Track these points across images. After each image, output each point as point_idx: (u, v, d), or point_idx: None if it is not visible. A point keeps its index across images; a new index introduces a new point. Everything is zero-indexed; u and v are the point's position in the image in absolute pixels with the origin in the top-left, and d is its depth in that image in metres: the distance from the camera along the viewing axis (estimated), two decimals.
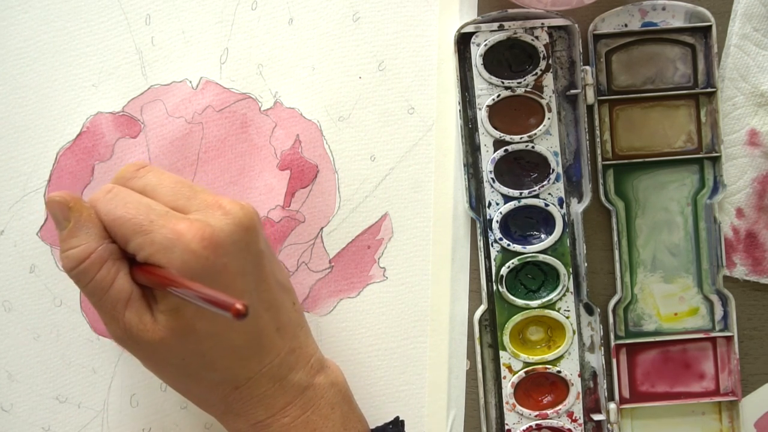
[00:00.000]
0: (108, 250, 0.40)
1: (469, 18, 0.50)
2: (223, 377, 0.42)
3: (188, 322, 0.40)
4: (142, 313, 0.40)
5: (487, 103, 0.49)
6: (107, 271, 0.40)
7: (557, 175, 0.50)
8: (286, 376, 0.43)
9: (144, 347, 0.41)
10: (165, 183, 0.42)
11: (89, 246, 0.40)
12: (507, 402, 0.50)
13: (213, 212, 0.40)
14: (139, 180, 0.42)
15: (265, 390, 0.42)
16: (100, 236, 0.40)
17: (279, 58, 0.50)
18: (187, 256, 0.38)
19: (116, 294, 0.40)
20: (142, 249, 0.39)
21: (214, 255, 0.39)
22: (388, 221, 0.51)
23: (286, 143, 0.50)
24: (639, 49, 0.51)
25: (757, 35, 0.51)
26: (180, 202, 0.41)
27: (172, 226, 0.39)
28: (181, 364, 0.41)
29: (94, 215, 0.41)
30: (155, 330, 0.40)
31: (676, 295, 0.52)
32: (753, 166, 0.51)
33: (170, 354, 0.41)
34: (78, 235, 0.40)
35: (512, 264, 0.50)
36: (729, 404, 0.51)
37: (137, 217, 0.39)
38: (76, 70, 0.50)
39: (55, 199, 0.41)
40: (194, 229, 0.39)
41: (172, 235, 0.38)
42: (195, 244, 0.38)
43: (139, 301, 0.40)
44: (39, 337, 0.50)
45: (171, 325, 0.40)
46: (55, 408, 0.50)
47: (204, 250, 0.38)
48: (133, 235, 0.39)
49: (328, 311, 0.51)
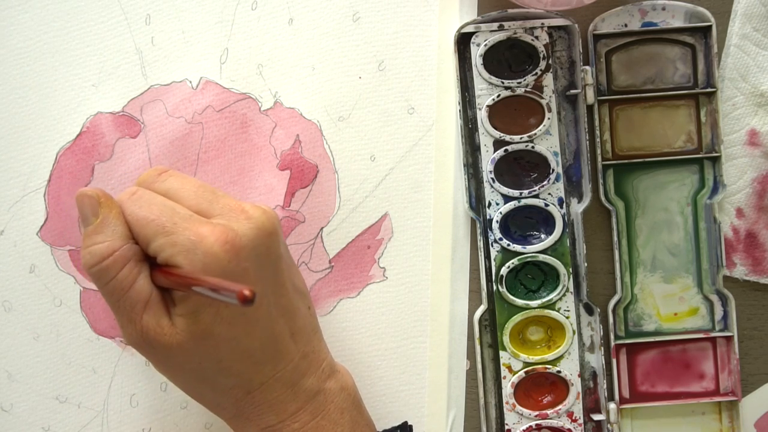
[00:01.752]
0: (131, 251, 0.40)
1: (469, 18, 0.50)
2: (237, 382, 0.42)
3: (207, 327, 0.40)
4: (160, 317, 0.40)
5: (487, 103, 0.49)
6: (129, 270, 0.40)
7: (557, 175, 0.50)
8: (298, 381, 0.43)
9: (160, 351, 0.41)
10: (188, 187, 0.42)
11: (114, 243, 0.40)
12: (507, 402, 0.50)
13: (236, 217, 0.40)
14: (162, 183, 0.42)
15: (278, 395, 0.42)
16: (125, 236, 0.40)
17: (279, 58, 0.50)
18: (208, 259, 0.38)
19: (136, 295, 0.40)
20: (163, 250, 0.39)
21: (236, 259, 0.39)
22: (388, 221, 0.51)
23: (286, 143, 0.50)
24: (639, 49, 0.51)
25: (757, 35, 0.51)
26: (203, 205, 0.41)
27: (195, 228, 0.39)
28: (196, 369, 0.41)
29: (121, 214, 0.41)
30: (173, 334, 0.40)
31: (676, 295, 0.52)
32: (753, 166, 0.51)
33: (186, 358, 0.41)
34: (104, 231, 0.40)
35: (512, 264, 0.50)
36: (729, 404, 0.51)
37: (160, 218, 0.39)
38: (76, 70, 0.50)
39: (87, 194, 0.41)
40: (217, 232, 0.39)
41: (194, 237, 0.39)
42: (217, 247, 0.38)
43: (158, 304, 0.40)
44: (39, 337, 0.50)
45: (189, 329, 0.40)
46: (55, 408, 0.50)
47: (226, 254, 0.39)
48: (156, 235, 0.39)
49: (328, 311, 0.51)
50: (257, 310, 0.41)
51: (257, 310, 0.41)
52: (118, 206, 0.41)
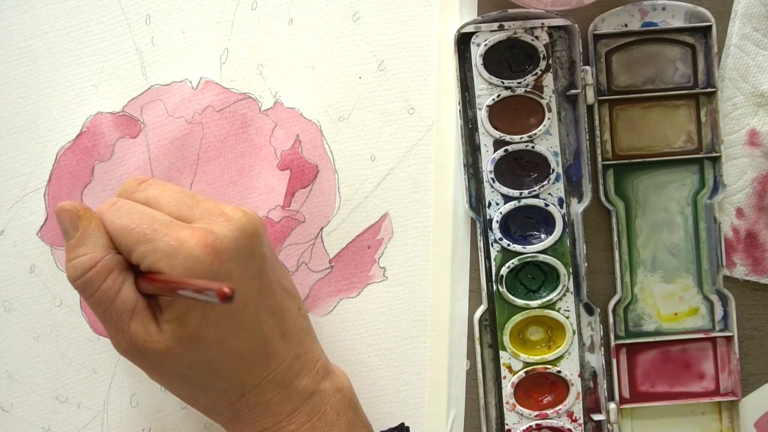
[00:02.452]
0: (114, 260, 0.40)
1: (469, 18, 0.50)
2: (230, 385, 0.42)
3: (194, 330, 0.40)
4: (147, 324, 0.40)
5: (487, 103, 0.49)
6: (113, 280, 0.40)
7: (557, 175, 0.50)
8: (292, 382, 0.43)
9: (150, 358, 0.41)
10: (167, 194, 0.42)
11: (96, 255, 0.40)
12: (507, 402, 0.50)
13: (216, 219, 0.41)
14: (142, 193, 0.43)
15: (272, 396, 0.42)
16: (106, 246, 0.40)
17: (279, 58, 0.50)
18: (190, 263, 0.38)
19: (122, 304, 0.40)
20: (145, 257, 0.39)
21: (218, 261, 0.39)
22: (388, 221, 0.51)
23: (286, 143, 0.50)
24: (639, 49, 0.51)
25: (757, 35, 0.51)
26: (183, 211, 0.41)
27: (175, 234, 0.39)
28: (187, 374, 0.41)
29: (101, 225, 0.41)
30: (161, 340, 0.40)
31: (676, 295, 0.52)
32: (753, 166, 0.51)
33: (176, 363, 0.41)
34: (85, 243, 0.40)
35: (512, 264, 0.50)
36: (729, 404, 0.51)
37: (141, 226, 0.40)
38: (76, 70, 0.50)
39: (65, 208, 0.41)
40: (197, 236, 0.39)
41: (175, 242, 0.39)
42: (198, 250, 0.39)
43: (144, 312, 0.40)
44: (39, 337, 0.50)
45: (177, 333, 0.40)
46: (55, 408, 0.50)
47: (207, 257, 0.39)
48: (137, 243, 0.39)
49: (328, 311, 0.51)
50: (244, 311, 0.41)
51: (244, 310, 0.41)
52: (97, 217, 0.41)
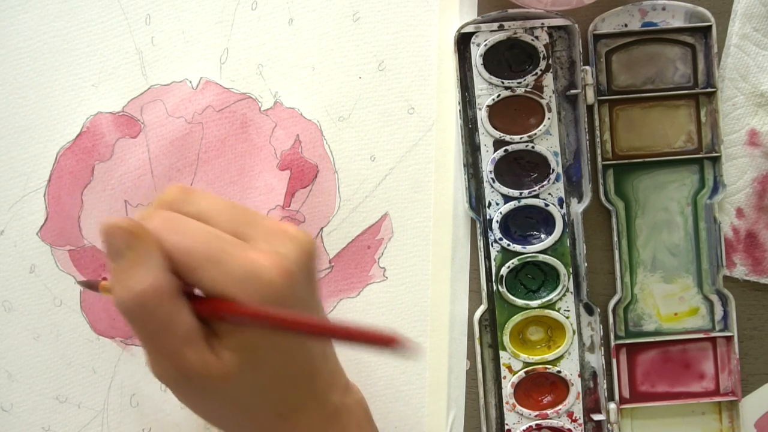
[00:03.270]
0: (174, 284, 0.36)
1: (469, 18, 0.50)
2: (274, 408, 0.40)
3: (260, 357, 0.37)
4: (203, 351, 0.37)
5: (487, 103, 0.49)
6: (173, 305, 0.36)
7: (557, 175, 0.50)
8: (327, 398, 0.41)
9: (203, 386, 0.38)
10: (218, 207, 0.38)
11: (158, 279, 0.35)
12: (507, 402, 0.50)
13: (280, 240, 0.38)
14: (193, 206, 0.38)
15: (311, 415, 0.40)
16: (166, 268, 0.36)
17: (279, 58, 0.50)
18: (265, 289, 0.36)
19: (179, 330, 0.36)
20: (214, 281, 0.36)
21: (289, 285, 0.36)
22: (388, 221, 0.51)
23: (286, 143, 0.50)
24: (639, 49, 0.51)
25: (757, 35, 0.51)
26: (241, 228, 0.38)
27: (247, 256, 0.36)
28: (238, 401, 0.38)
29: (158, 245, 0.36)
30: (220, 367, 0.37)
31: (676, 295, 0.52)
32: (753, 166, 0.51)
33: (230, 391, 0.38)
34: (143, 265, 0.36)
35: (512, 264, 0.50)
36: (729, 404, 0.51)
37: (207, 246, 0.36)
38: (76, 70, 0.50)
39: (119, 225, 0.36)
40: (272, 259, 0.36)
41: (249, 266, 0.36)
42: (275, 275, 0.36)
43: (200, 338, 0.37)
44: (39, 337, 0.50)
45: (238, 361, 0.37)
46: (55, 408, 0.50)
47: (283, 281, 0.36)
48: (204, 266, 0.36)
49: (328, 311, 0.51)
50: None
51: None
52: (154, 237, 0.36)
